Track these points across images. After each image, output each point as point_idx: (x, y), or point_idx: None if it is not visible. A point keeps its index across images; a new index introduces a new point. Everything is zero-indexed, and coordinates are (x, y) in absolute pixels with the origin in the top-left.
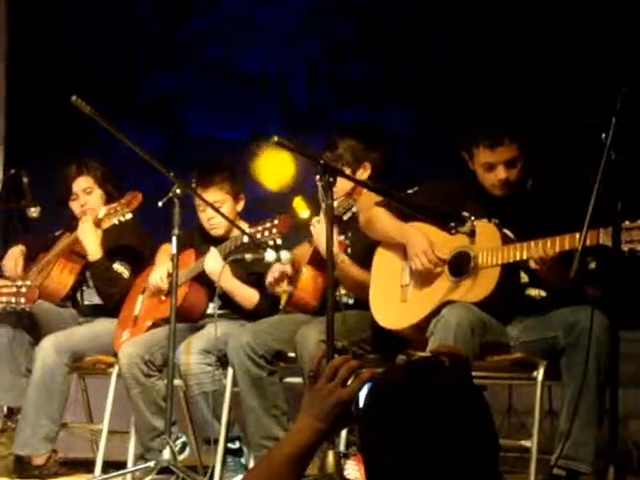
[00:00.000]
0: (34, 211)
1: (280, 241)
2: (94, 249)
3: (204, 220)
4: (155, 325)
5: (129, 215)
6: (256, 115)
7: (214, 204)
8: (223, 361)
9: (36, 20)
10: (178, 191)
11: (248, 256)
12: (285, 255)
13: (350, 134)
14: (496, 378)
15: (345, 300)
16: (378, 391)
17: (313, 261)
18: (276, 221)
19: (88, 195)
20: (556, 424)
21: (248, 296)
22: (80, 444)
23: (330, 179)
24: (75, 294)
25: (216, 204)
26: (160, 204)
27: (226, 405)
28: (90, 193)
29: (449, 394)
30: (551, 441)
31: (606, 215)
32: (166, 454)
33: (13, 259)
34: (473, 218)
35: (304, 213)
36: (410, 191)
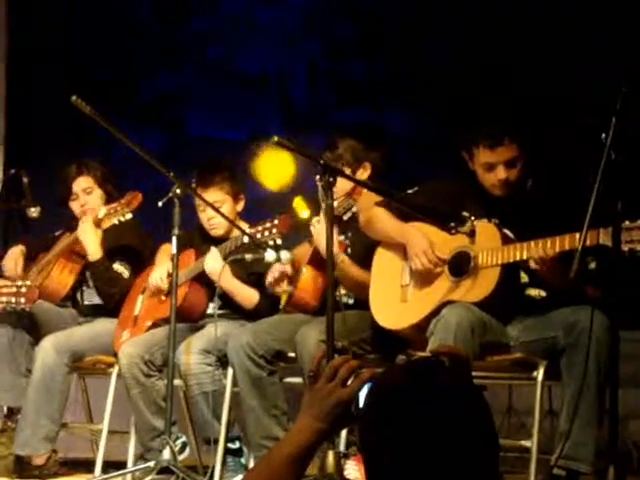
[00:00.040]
0: (34, 211)
1: (280, 241)
2: (94, 249)
3: (204, 220)
4: (155, 325)
5: (129, 215)
6: (256, 115)
7: (214, 204)
8: (223, 361)
9: (36, 20)
10: (178, 191)
11: (248, 256)
12: (285, 255)
13: (350, 134)
14: (496, 378)
15: (345, 300)
16: (378, 391)
17: (313, 261)
18: (276, 221)
19: (88, 195)
20: (556, 424)
21: (248, 296)
22: (80, 444)
23: (330, 179)
24: (75, 294)
25: (216, 204)
26: (160, 204)
27: (226, 405)
28: (90, 193)
29: (449, 394)
30: (551, 441)
31: (606, 215)
32: (166, 454)
33: (13, 259)
34: (473, 218)
35: (304, 213)
36: (410, 191)
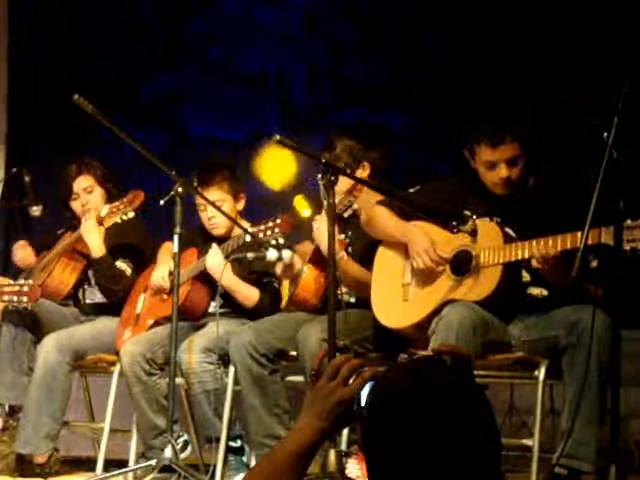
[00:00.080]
0: (36, 210)
1: (282, 240)
2: (97, 246)
3: (205, 220)
4: (157, 324)
5: (131, 214)
6: (256, 115)
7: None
8: (225, 360)
9: (37, 19)
10: (180, 190)
11: (250, 255)
12: (287, 254)
13: (347, 134)
14: (498, 377)
15: (347, 299)
16: (380, 390)
17: (314, 260)
18: (278, 220)
19: (89, 194)
20: (558, 423)
21: (248, 294)
22: (82, 442)
23: (332, 178)
24: (77, 293)
25: (216, 203)
26: (162, 202)
27: (228, 404)
28: (91, 192)
29: (451, 393)
30: (553, 440)
31: (608, 214)
32: (168, 452)
33: (21, 249)
34: (475, 217)
35: (305, 212)
36: (412, 190)
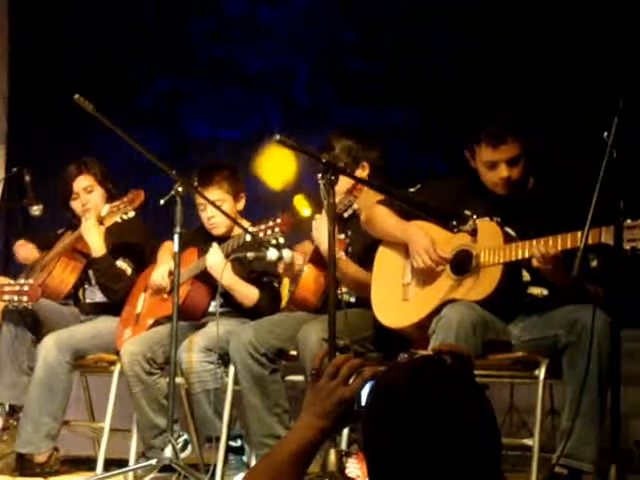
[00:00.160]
0: (36, 209)
1: (282, 240)
2: (98, 246)
3: (204, 219)
4: (157, 323)
5: (132, 213)
6: (257, 115)
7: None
8: (225, 359)
9: (37, 20)
10: (180, 189)
11: (250, 254)
12: (287, 254)
13: (345, 134)
14: (498, 376)
15: (347, 298)
16: (380, 389)
17: (314, 259)
18: (278, 220)
19: (89, 194)
20: (558, 422)
21: (248, 293)
22: (82, 442)
23: (332, 177)
24: (77, 292)
25: (216, 203)
26: (162, 202)
27: (228, 403)
28: (91, 192)
29: (451, 392)
30: (553, 440)
31: (608, 213)
32: (168, 452)
33: (23, 247)
34: (475, 216)
35: (305, 211)
36: (412, 189)
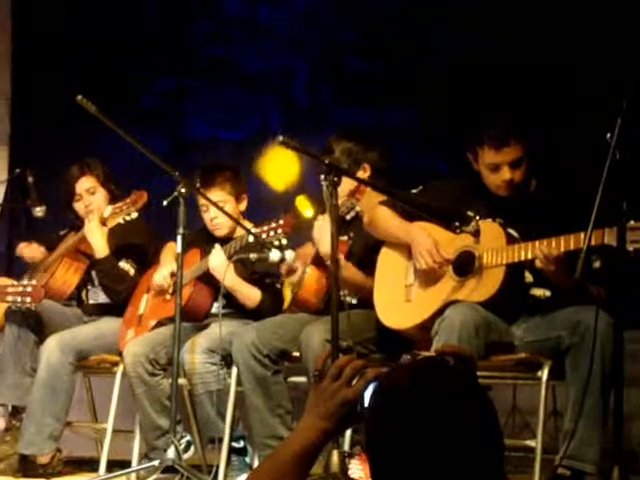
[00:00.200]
0: (39, 210)
1: (285, 241)
2: (101, 247)
3: (207, 220)
4: (160, 324)
5: (135, 214)
6: (257, 115)
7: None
8: (228, 360)
9: (39, 21)
10: (183, 190)
11: (253, 255)
12: (290, 255)
13: (345, 136)
14: (500, 378)
15: (349, 300)
16: (383, 391)
17: (317, 261)
18: (281, 221)
19: (92, 195)
20: (560, 424)
21: (250, 295)
22: (84, 443)
23: (335, 179)
24: (80, 293)
25: (218, 204)
26: (165, 203)
27: (230, 404)
28: (94, 193)
29: (454, 394)
30: (555, 441)
31: (611, 215)
32: (170, 453)
33: (26, 248)
34: (478, 218)
35: (308, 212)
36: (414, 191)
